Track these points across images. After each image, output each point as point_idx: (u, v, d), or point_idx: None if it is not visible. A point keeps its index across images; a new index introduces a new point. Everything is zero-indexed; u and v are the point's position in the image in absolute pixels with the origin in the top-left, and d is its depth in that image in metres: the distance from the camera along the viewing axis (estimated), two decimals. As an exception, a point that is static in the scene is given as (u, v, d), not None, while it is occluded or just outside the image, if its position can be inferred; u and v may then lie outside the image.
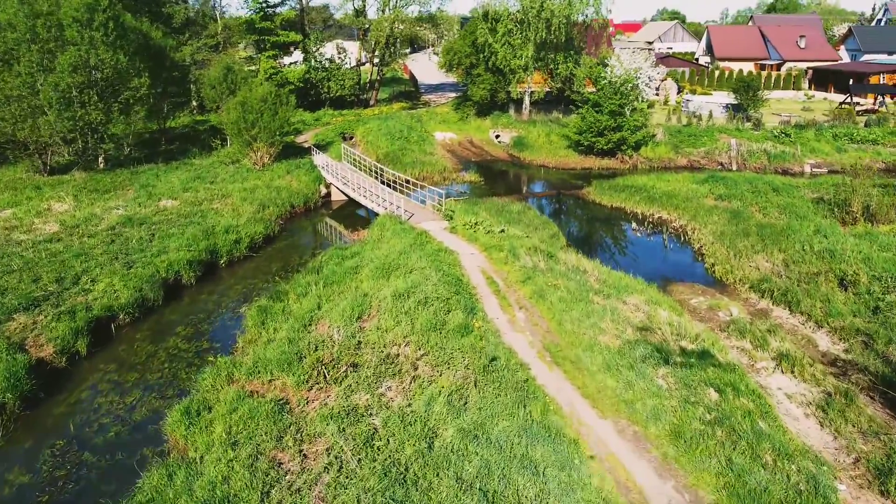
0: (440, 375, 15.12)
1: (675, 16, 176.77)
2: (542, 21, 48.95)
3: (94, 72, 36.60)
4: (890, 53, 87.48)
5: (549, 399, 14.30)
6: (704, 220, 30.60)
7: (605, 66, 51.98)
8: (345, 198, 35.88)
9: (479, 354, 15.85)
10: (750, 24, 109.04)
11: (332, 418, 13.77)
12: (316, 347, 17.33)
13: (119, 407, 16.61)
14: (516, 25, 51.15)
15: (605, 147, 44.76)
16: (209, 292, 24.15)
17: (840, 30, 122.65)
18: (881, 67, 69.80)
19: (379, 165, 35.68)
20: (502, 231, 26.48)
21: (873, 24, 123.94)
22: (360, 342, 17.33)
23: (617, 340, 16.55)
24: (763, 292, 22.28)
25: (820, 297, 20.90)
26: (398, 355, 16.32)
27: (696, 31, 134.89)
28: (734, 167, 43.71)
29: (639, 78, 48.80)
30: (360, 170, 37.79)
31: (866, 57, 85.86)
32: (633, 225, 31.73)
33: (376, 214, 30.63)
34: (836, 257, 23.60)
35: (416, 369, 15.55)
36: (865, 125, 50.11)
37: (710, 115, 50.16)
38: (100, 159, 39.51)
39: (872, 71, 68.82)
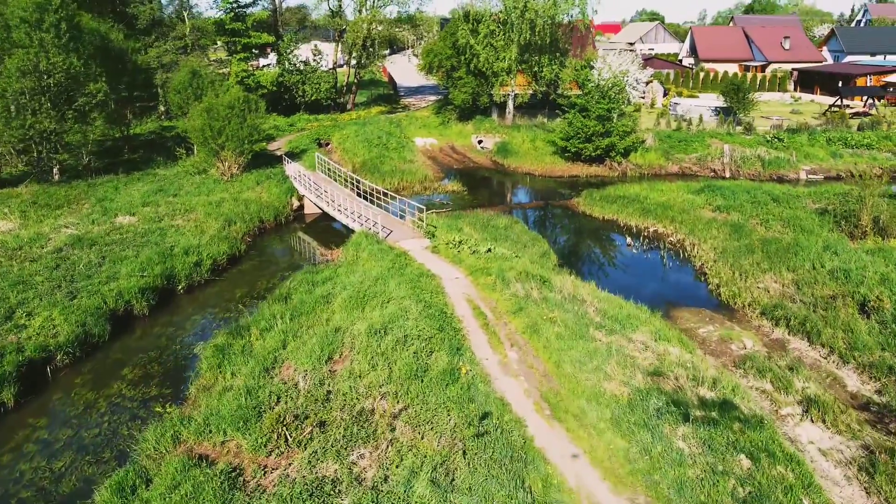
0: (422, 439, 12.84)
1: (655, 17, 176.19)
2: (525, 22, 46.87)
3: (45, 76, 33.81)
4: (873, 54, 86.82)
5: (551, 469, 12.08)
6: (704, 234, 28.63)
7: (592, 68, 50.09)
8: (319, 210, 33.45)
9: (467, 410, 13.59)
10: (731, 24, 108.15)
11: (291, 501, 11.43)
12: (278, 399, 14.98)
13: (44, 476, 14.10)
14: (499, 26, 49.02)
15: (593, 154, 42.76)
16: (164, 324, 21.63)
17: (820, 31, 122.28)
18: (868, 69, 68.72)
19: (355, 177, 33.30)
20: (489, 251, 24.27)
21: (853, 24, 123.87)
22: (329, 392, 15.00)
23: (625, 389, 14.38)
24: (777, 320, 20.26)
25: (841, 326, 18.93)
26: (373, 411, 14.01)
27: (675, 32, 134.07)
28: (728, 174, 41.93)
29: (626, 81, 46.85)
30: (336, 180, 35.40)
31: (849, 58, 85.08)
32: (628, 240, 29.65)
33: (353, 229, 28.30)
34: (851, 278, 21.68)
35: (393, 430, 13.24)
36: (858, 129, 48.66)
37: (701, 119, 48.40)
38: (54, 170, 36.68)
39: (859, 72, 67.68)
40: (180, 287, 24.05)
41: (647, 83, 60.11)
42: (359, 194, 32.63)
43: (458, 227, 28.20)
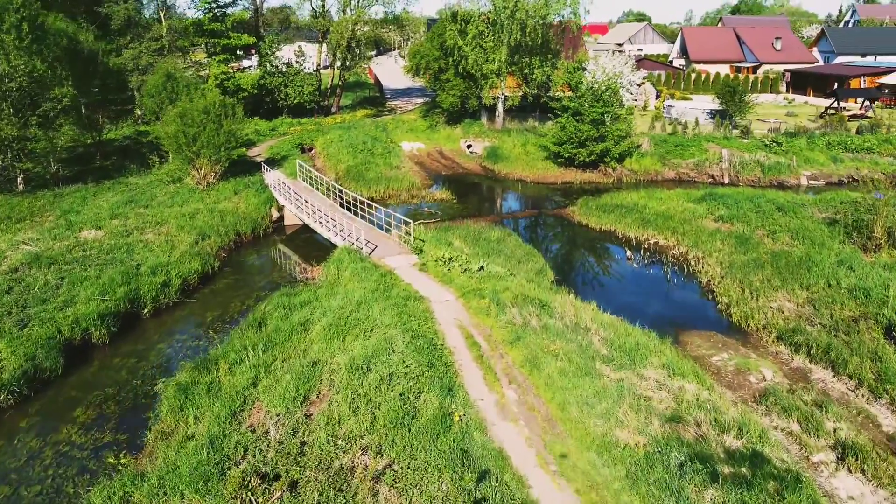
0: (410, 507, 11.05)
1: (641, 17, 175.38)
2: (516, 22, 45.15)
3: (5, 80, 31.68)
4: (863, 55, 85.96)
5: (562, 545, 10.33)
6: (708, 246, 27.03)
7: (584, 70, 48.46)
8: (300, 222, 31.54)
9: (461, 468, 11.81)
10: (720, 25, 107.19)
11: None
12: (245, 451, 13.14)
13: (-30, 549, 12.19)
14: (488, 27, 47.28)
15: (586, 159, 41.12)
16: (125, 354, 19.67)
17: (808, 32, 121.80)
18: (862, 70, 67.64)
19: (338, 186, 31.42)
20: (481, 269, 22.50)
21: (841, 25, 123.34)
22: (303, 444, 13.16)
23: (641, 438, 12.65)
24: (796, 346, 18.62)
25: (868, 354, 17.32)
26: (353, 469, 12.19)
27: (662, 32, 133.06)
28: (727, 180, 40.44)
29: (620, 84, 45.28)
30: (318, 189, 33.51)
31: (840, 59, 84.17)
32: (628, 253, 28.00)
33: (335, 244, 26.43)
34: (872, 298, 20.13)
35: (375, 496, 11.43)
36: (858, 132, 47.36)
37: (697, 123, 46.89)
38: (18, 180, 34.52)
39: (853, 74, 66.60)
40: (146, 311, 22.08)
41: (640, 85, 58.64)
42: (341, 204, 30.79)
43: (448, 241, 26.41)
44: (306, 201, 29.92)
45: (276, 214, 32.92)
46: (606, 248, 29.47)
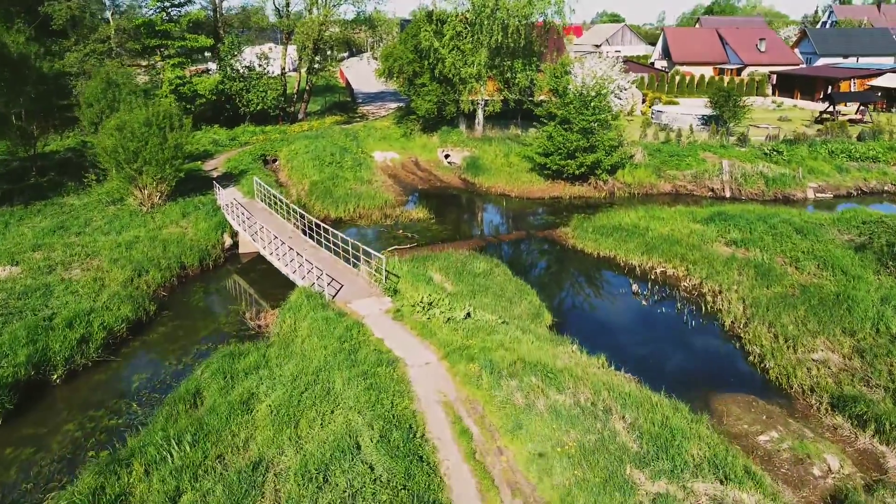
0: None
1: (616, 18, 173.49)
2: (496, 22, 41.49)
3: None
4: (845, 56, 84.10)
5: None
6: (724, 278, 23.63)
7: (569, 73, 44.97)
8: (256, 249, 27.52)
9: None
10: (697, 26, 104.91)
11: None
12: None
13: None
14: (466, 27, 43.56)
15: (576, 171, 37.63)
16: (21, 441, 15.54)
17: (785, 33, 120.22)
18: (852, 72, 65.34)
19: (299, 210, 27.45)
20: (468, 316, 18.77)
21: (818, 26, 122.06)
22: None
23: None
24: (860, 420, 15.13)
25: (953, 433, 13.93)
26: None
27: (638, 33, 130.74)
28: (728, 193, 37.24)
29: (610, 89, 41.88)
30: (277, 211, 29.52)
31: (822, 60, 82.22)
32: (634, 286, 24.42)
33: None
34: (935, 349, 16.81)
35: None
36: (859, 138, 44.60)
37: (692, 130, 43.69)
38: (-70, 203, 30.03)
39: (843, 76, 64.25)
40: (56, 376, 17.94)
41: (626, 90, 55.38)
42: (304, 231, 26.85)
43: (427, 276, 22.62)
44: (263, 227, 25.92)
45: (229, 241, 28.84)
46: (608, 281, 25.86)
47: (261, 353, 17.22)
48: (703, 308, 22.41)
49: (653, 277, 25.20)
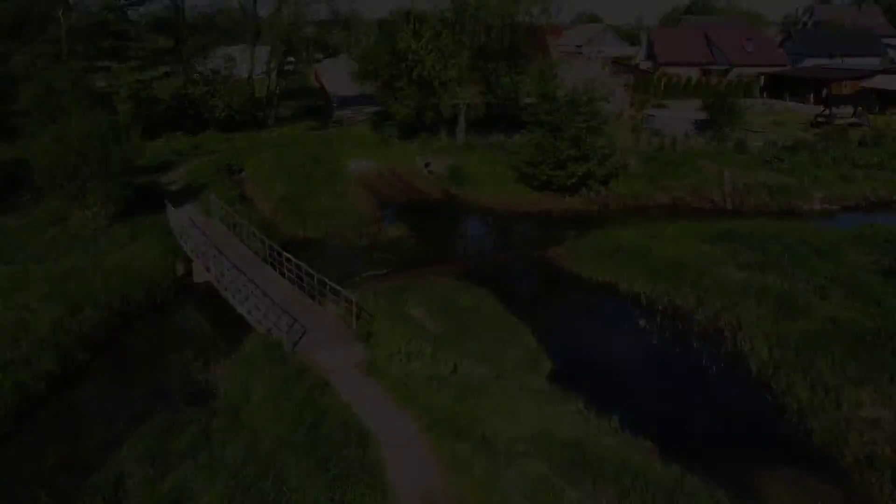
0: None
1: (594, 19, 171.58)
2: (479, 22, 38.55)
3: None
4: (831, 56, 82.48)
5: None
6: (743, 311, 20.86)
7: (556, 76, 42.13)
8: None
9: None
10: (679, 26, 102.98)
11: None
12: None
13: None
14: (447, 28, 40.54)
15: (567, 182, 34.84)
16: None
17: (765, 33, 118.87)
18: (844, 73, 63.38)
19: (260, 236, 24.27)
20: (455, 370, 15.80)
21: (799, 27, 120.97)
22: None
23: None
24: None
25: None
26: None
27: (617, 32, 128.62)
28: (730, 206, 34.65)
29: (603, 93, 39.08)
30: (237, 234, 26.32)
31: (808, 61, 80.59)
32: (641, 321, 21.48)
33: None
34: None
35: None
36: (860, 144, 42.37)
37: (687, 136, 41.16)
38: None
39: (835, 77, 62.23)
40: (-52, 456, 14.66)
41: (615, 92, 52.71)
42: (265, 258, 23.66)
43: (406, 313, 19.65)
44: (216, 254, 22.71)
45: (182, 269, 25.52)
46: (611, 313, 22.95)
47: (201, 427, 14.04)
48: (722, 347, 19.60)
49: (660, 308, 22.33)
